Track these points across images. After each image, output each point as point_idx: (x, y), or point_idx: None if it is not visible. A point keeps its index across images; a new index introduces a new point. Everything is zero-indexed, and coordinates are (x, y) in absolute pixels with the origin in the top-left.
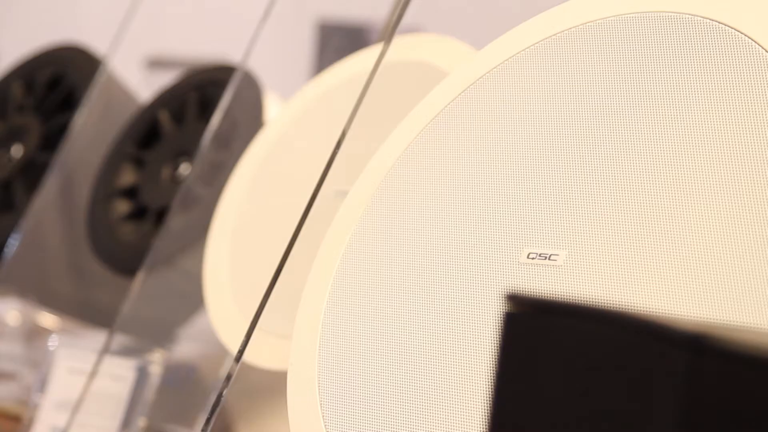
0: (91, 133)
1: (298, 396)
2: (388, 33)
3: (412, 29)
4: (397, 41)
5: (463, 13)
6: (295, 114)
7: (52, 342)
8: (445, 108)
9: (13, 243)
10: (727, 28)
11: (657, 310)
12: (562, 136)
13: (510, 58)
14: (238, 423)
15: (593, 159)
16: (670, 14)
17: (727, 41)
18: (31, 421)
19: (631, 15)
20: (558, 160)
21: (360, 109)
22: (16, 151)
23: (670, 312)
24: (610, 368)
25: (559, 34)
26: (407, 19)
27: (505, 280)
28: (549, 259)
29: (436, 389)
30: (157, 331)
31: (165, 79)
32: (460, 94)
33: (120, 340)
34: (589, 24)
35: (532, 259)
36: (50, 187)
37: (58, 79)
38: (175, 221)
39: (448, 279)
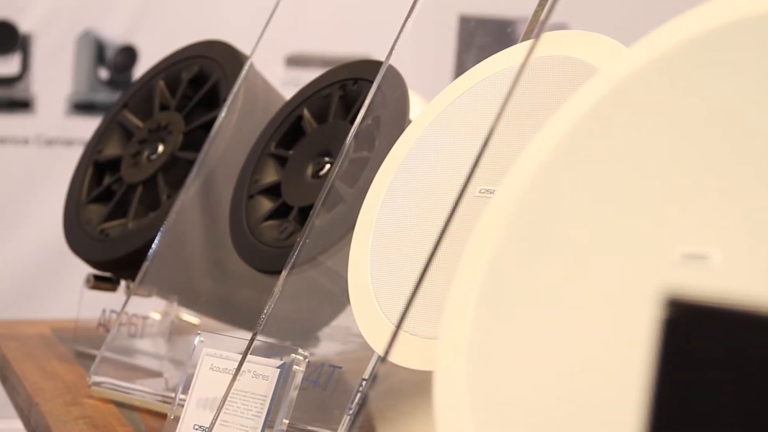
0: (233, 130)
1: (446, 397)
2: (537, 29)
3: (558, 26)
4: (544, 37)
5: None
6: (440, 112)
7: (196, 341)
8: (595, 105)
9: (157, 242)
10: None
11: None
12: (717, 131)
13: (663, 54)
14: (380, 423)
15: (751, 154)
16: None
17: None
18: (176, 419)
19: None
20: (713, 156)
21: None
22: (161, 148)
23: None
24: None
25: (713, 30)
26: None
27: (658, 281)
28: (703, 259)
29: (586, 394)
30: (301, 330)
31: (308, 77)
32: (611, 91)
33: (263, 339)
34: (745, 19)
35: (685, 258)
36: (193, 185)
37: (202, 77)
38: (318, 220)
39: (599, 280)
